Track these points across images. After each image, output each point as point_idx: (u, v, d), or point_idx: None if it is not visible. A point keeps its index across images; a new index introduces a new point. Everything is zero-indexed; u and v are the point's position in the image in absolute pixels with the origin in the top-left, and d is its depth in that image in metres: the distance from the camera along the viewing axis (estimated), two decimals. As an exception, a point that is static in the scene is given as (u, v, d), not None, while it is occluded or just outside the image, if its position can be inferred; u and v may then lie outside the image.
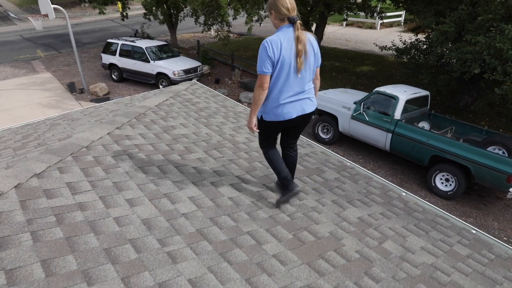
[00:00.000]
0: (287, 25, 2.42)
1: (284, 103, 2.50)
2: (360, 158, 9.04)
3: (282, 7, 2.38)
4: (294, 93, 2.50)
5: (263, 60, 2.39)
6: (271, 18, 2.49)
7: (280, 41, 2.36)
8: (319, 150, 4.04)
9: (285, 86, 2.46)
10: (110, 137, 3.10)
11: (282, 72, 2.42)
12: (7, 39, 20.85)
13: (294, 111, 2.53)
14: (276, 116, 2.52)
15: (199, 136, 3.62)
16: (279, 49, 2.36)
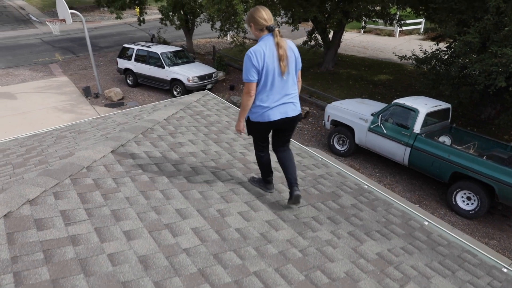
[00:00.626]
0: (267, 35, 2.65)
1: (271, 107, 2.70)
2: (377, 172, 8.73)
3: (260, 19, 2.62)
4: (279, 97, 2.71)
5: (248, 69, 2.60)
6: (252, 30, 2.71)
7: (262, 50, 2.58)
8: (335, 171, 3.80)
9: (272, 92, 2.68)
10: (114, 155, 2.94)
11: (268, 78, 2.63)
12: (27, 42, 21.21)
13: (278, 113, 2.72)
14: (262, 117, 2.73)
15: (208, 154, 3.43)
16: (262, 58, 2.58)
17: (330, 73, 15.77)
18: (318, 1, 13.60)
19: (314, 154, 4.13)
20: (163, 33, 18.60)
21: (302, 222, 2.67)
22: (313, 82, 14.58)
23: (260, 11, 2.64)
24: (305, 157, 3.98)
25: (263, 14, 2.63)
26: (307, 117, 11.68)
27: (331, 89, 13.98)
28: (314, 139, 10.24)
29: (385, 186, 8.20)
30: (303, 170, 3.62)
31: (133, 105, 12.40)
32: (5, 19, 27.76)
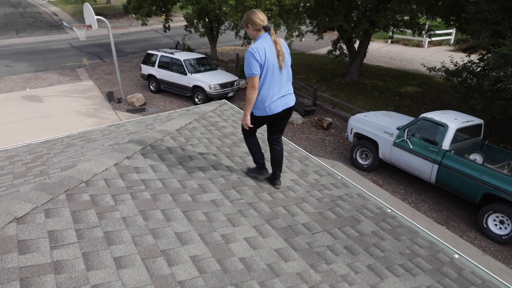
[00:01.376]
0: (264, 34, 2.90)
1: (274, 100, 2.94)
2: (401, 189, 8.29)
3: (257, 20, 2.87)
4: (280, 90, 2.96)
5: (251, 64, 2.80)
6: (249, 31, 2.95)
7: (263, 46, 2.82)
8: (355, 192, 3.50)
9: (272, 85, 2.91)
10: (117, 169, 2.76)
11: (268, 72, 2.86)
12: (57, 46, 21.82)
13: (280, 105, 2.98)
14: (266, 111, 2.96)
15: (218, 170, 3.21)
16: (264, 53, 2.80)
17: (355, 84, 15.38)
18: (344, 10, 13.31)
19: (333, 172, 3.85)
20: (187, 40, 18.71)
21: (316, 252, 2.40)
22: (337, 93, 14.23)
23: (256, 13, 2.89)
24: (324, 175, 3.70)
25: (260, 15, 2.88)
26: (330, 129, 11.35)
27: (355, 100, 13.59)
28: (336, 152, 9.90)
29: (409, 204, 7.76)
30: (320, 190, 3.34)
31: (154, 111, 12.41)
32: (39, 24, 28.77)
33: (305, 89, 14.22)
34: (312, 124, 11.64)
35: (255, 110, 2.98)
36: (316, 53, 21.09)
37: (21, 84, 15.22)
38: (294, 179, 3.44)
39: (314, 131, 11.21)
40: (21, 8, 36.21)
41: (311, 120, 11.95)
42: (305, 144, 10.31)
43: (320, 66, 18.27)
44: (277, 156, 3.20)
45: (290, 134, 10.89)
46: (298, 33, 12.77)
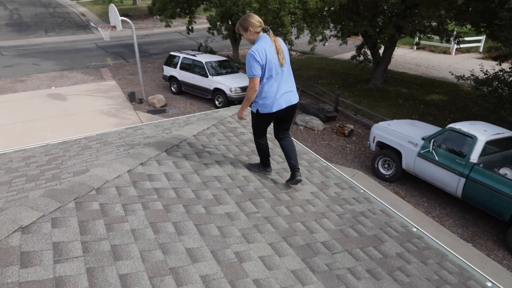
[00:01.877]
0: (263, 35, 3.03)
1: (277, 97, 3.07)
2: (425, 202, 7.96)
3: (257, 22, 3.00)
4: (282, 87, 3.08)
5: (252, 65, 2.92)
6: (248, 35, 3.04)
7: (263, 48, 2.93)
8: (378, 208, 3.30)
9: (275, 83, 3.04)
10: (130, 176, 2.66)
11: (272, 71, 2.99)
12: (84, 46, 22.29)
13: (284, 103, 3.10)
14: (270, 109, 3.09)
15: (235, 179, 3.07)
16: (264, 54, 2.92)
17: (378, 90, 15.02)
18: (369, 15, 13.02)
19: (355, 184, 3.65)
20: (210, 42, 18.76)
21: (335, 274, 2.22)
22: (359, 99, 13.93)
23: (254, 16, 3.02)
24: (345, 188, 3.52)
25: (257, 18, 3.01)
26: (351, 136, 11.07)
27: (378, 107, 13.25)
28: (357, 160, 9.63)
29: (433, 218, 7.43)
30: (341, 205, 3.16)
31: (175, 113, 12.44)
32: (67, 24, 29.51)
33: (327, 95, 13.98)
34: (333, 130, 11.40)
35: (261, 107, 3.11)
36: (339, 58, 20.78)
37: (47, 82, 15.57)
38: (314, 191, 3.27)
39: (335, 138, 10.97)
40: (51, 8, 37.26)
41: (332, 126, 11.71)
42: (326, 151, 10.08)
43: (343, 71, 17.96)
44: (289, 147, 3.28)
45: (310, 141, 10.68)
46: (322, 37, 12.56)
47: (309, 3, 10.58)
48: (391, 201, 7.82)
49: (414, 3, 12.05)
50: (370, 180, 8.62)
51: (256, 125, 3.28)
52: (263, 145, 3.30)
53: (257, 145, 3.33)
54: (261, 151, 3.32)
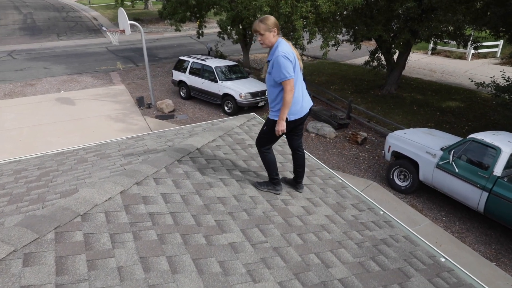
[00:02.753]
0: (280, 39, 2.94)
1: (304, 100, 3.04)
2: (443, 216, 7.54)
3: (278, 25, 2.93)
4: (303, 91, 3.06)
5: (287, 66, 2.79)
6: (269, 36, 2.88)
7: (289, 49, 2.88)
8: (401, 234, 2.94)
9: (299, 86, 2.99)
10: (123, 198, 2.37)
11: (297, 74, 2.93)
12: (94, 50, 22.30)
13: (307, 105, 3.07)
14: (300, 113, 3.00)
15: (241, 201, 2.76)
16: (293, 56, 2.86)
17: (392, 97, 14.59)
18: (384, 19, 12.64)
19: (374, 205, 3.30)
20: (220, 47, 18.55)
21: (357, 323, 1.89)
22: (372, 106, 13.52)
23: (275, 19, 2.90)
24: (363, 209, 3.17)
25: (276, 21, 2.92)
26: (364, 144, 10.68)
27: (392, 114, 12.83)
28: (371, 170, 9.23)
29: (453, 234, 7.00)
30: (360, 230, 2.82)
31: (183, 118, 12.20)
32: (79, 28, 29.69)
33: (339, 101, 13.60)
34: (345, 138, 11.01)
35: (290, 115, 2.95)
36: (352, 63, 20.37)
37: (57, 86, 15.51)
38: (329, 214, 2.93)
39: (348, 146, 10.58)
40: (64, 12, 37.65)
41: (344, 134, 11.33)
42: (338, 160, 9.71)
43: (355, 76, 17.56)
44: (301, 160, 3.20)
45: (322, 149, 10.32)
46: (335, 42, 12.22)
47: (322, 7, 10.25)
48: (407, 215, 7.42)
49: (431, 7, 11.64)
50: (385, 191, 8.21)
51: (270, 135, 3.02)
52: (269, 155, 3.10)
53: (263, 155, 3.10)
54: (268, 162, 3.10)
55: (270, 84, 2.96)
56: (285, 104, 2.83)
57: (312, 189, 3.30)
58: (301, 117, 3.01)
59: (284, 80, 2.79)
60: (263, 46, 2.95)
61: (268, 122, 3.01)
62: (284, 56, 2.77)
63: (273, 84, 2.91)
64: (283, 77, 2.78)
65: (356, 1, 10.23)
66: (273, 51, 2.89)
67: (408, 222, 7.21)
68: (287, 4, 10.49)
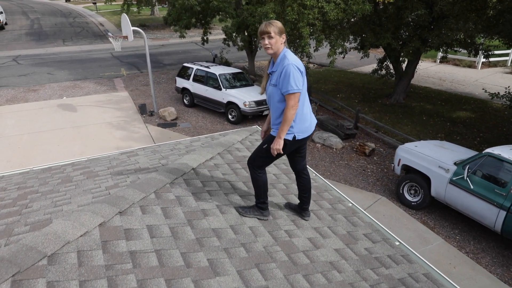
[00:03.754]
0: (286, 48, 2.66)
1: (310, 117, 2.76)
2: (457, 234, 7.13)
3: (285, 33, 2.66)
4: (310, 106, 2.81)
5: (296, 77, 2.49)
6: (277, 42, 2.58)
7: (299, 61, 2.60)
8: (421, 272, 2.58)
9: (307, 101, 2.75)
10: (101, 232, 2.04)
11: (304, 87, 2.66)
12: (99, 56, 22.18)
13: (314, 123, 2.80)
14: (307, 132, 2.72)
15: (239, 233, 2.42)
16: (302, 68, 2.59)
17: (400, 106, 14.21)
18: (393, 27, 12.32)
19: (389, 235, 2.95)
20: (225, 54, 18.32)
21: None
22: (380, 115, 13.14)
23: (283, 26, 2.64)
24: (377, 241, 2.82)
25: None
26: (372, 156, 10.30)
27: (401, 124, 12.44)
28: (379, 183, 8.85)
29: (467, 254, 6.59)
30: (374, 268, 2.47)
31: (186, 127, 11.91)
32: (85, 34, 29.69)
33: (346, 110, 13.25)
34: (352, 149, 10.65)
35: (299, 133, 2.65)
36: (359, 71, 20.04)
37: (59, 92, 15.32)
38: (339, 248, 2.58)
39: (355, 157, 10.21)
40: (71, 18, 37.80)
41: (351, 144, 10.96)
42: (345, 172, 9.34)
43: (362, 85, 17.21)
44: (307, 185, 2.88)
45: (328, 160, 9.96)
46: (342, 50, 11.90)
47: (329, 14, 9.96)
48: (418, 233, 7.03)
49: (442, 15, 11.30)
50: (394, 207, 7.83)
51: (270, 154, 2.66)
52: (263, 177, 2.75)
53: (256, 178, 2.73)
54: (259, 185, 2.73)
55: (275, 99, 2.63)
56: (286, 121, 2.53)
57: (320, 216, 2.95)
58: (306, 136, 2.74)
59: (290, 93, 2.49)
60: (268, 51, 2.61)
61: (271, 140, 2.66)
62: (295, 66, 2.50)
63: (280, 98, 2.59)
64: (290, 89, 2.48)
65: (364, 8, 9.92)
66: (279, 60, 2.60)
67: (420, 241, 6.82)
68: (293, 11, 10.21)
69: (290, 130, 2.62)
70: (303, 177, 2.87)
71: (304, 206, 2.87)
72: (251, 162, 2.75)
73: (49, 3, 51.12)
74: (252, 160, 2.75)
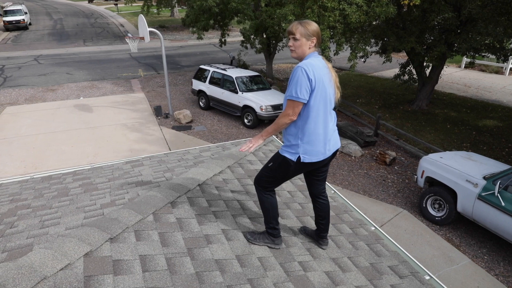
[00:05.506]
0: (315, 52, 2.31)
1: (329, 139, 2.33)
2: (484, 254, 6.63)
3: (319, 36, 2.33)
4: (331, 126, 2.38)
5: (301, 84, 2.15)
6: (305, 45, 2.27)
7: (319, 66, 2.22)
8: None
9: (328, 119, 2.30)
10: (86, 264, 1.77)
11: (322, 101, 2.23)
12: (117, 56, 22.28)
13: (333, 147, 2.40)
14: (318, 156, 2.31)
15: (246, 265, 2.11)
16: (320, 75, 2.19)
17: (423, 113, 13.65)
18: (417, 31, 11.81)
19: (418, 267, 2.58)
20: (243, 56, 18.09)
21: None
22: (401, 122, 12.63)
23: (319, 29, 2.33)
24: (405, 275, 2.46)
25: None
26: (393, 165, 9.84)
27: (423, 132, 11.92)
28: (400, 195, 8.39)
29: (497, 277, 6.10)
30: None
31: (200, 130, 11.69)
32: (105, 34, 29.99)
33: (365, 116, 12.79)
34: (372, 158, 10.20)
35: (305, 154, 2.26)
36: (380, 76, 19.48)
37: (77, 92, 15.37)
38: (361, 285, 2.24)
39: (375, 166, 9.77)
40: (92, 18, 38.34)
41: (371, 152, 10.52)
42: (364, 182, 8.92)
43: (383, 90, 16.68)
44: (325, 210, 2.53)
45: (346, 168, 9.55)
46: (363, 53, 11.47)
47: (351, 16, 9.57)
48: (442, 251, 6.57)
49: (471, 18, 10.75)
50: (417, 222, 7.37)
51: (276, 174, 2.36)
52: (270, 199, 2.41)
53: (262, 200, 2.42)
54: (266, 208, 2.41)
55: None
56: (274, 125, 2.26)
57: (339, 244, 2.61)
58: (318, 161, 2.33)
59: (290, 99, 2.18)
60: (293, 55, 2.32)
61: (276, 158, 2.37)
62: (304, 70, 2.13)
63: None
64: (289, 95, 2.18)
65: (388, 11, 9.48)
66: None
67: (444, 260, 6.36)
68: (313, 13, 9.86)
69: (295, 149, 2.27)
70: (320, 201, 2.53)
71: (322, 234, 2.54)
72: (257, 181, 2.45)
73: (72, 4, 52.12)
74: (257, 179, 2.44)
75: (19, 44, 25.77)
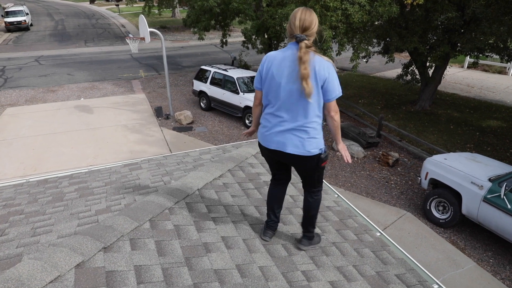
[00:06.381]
0: (293, 43, 2.19)
1: (272, 130, 2.28)
2: (490, 257, 6.51)
3: (292, 23, 2.18)
4: (286, 123, 2.23)
5: (256, 74, 2.34)
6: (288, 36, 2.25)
7: (276, 57, 2.22)
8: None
9: (279, 111, 2.24)
10: (77, 276, 1.67)
11: (270, 91, 2.25)
12: (118, 57, 22.22)
13: (273, 142, 2.29)
14: (261, 140, 2.37)
15: (247, 275, 2.01)
16: (270, 64, 2.22)
17: (426, 113, 13.52)
18: (420, 30, 11.69)
19: (426, 275, 2.48)
20: (244, 56, 18.00)
21: None
22: (404, 123, 12.51)
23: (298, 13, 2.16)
24: (412, 285, 2.35)
25: (297, 19, 2.14)
26: (396, 166, 9.72)
27: (426, 133, 11.79)
28: (403, 197, 8.28)
29: (503, 281, 5.98)
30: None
31: (201, 131, 11.60)
32: (106, 35, 29.95)
33: (368, 116, 12.67)
34: (375, 159, 10.09)
35: (258, 134, 2.42)
36: (382, 76, 19.35)
37: (77, 93, 15.30)
38: (368, 296, 2.13)
39: (377, 167, 9.66)
40: (94, 19, 38.32)
41: (373, 153, 10.40)
42: (366, 184, 8.81)
43: (385, 90, 16.56)
44: (305, 206, 2.45)
45: (349, 170, 9.44)
46: (366, 54, 11.36)
47: (353, 16, 9.46)
48: (447, 254, 6.46)
49: (475, 18, 10.63)
50: (421, 224, 7.26)
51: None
52: (269, 189, 2.52)
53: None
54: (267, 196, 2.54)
55: None
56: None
57: (344, 251, 2.51)
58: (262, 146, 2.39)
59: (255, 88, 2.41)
60: None
61: None
62: (263, 61, 2.29)
63: None
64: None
65: (391, 10, 9.37)
66: None
67: (449, 264, 6.25)
68: (315, 13, 9.76)
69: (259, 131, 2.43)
70: (305, 197, 2.47)
71: (303, 230, 2.47)
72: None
73: (74, 4, 52.16)
74: None
75: (20, 45, 25.74)
